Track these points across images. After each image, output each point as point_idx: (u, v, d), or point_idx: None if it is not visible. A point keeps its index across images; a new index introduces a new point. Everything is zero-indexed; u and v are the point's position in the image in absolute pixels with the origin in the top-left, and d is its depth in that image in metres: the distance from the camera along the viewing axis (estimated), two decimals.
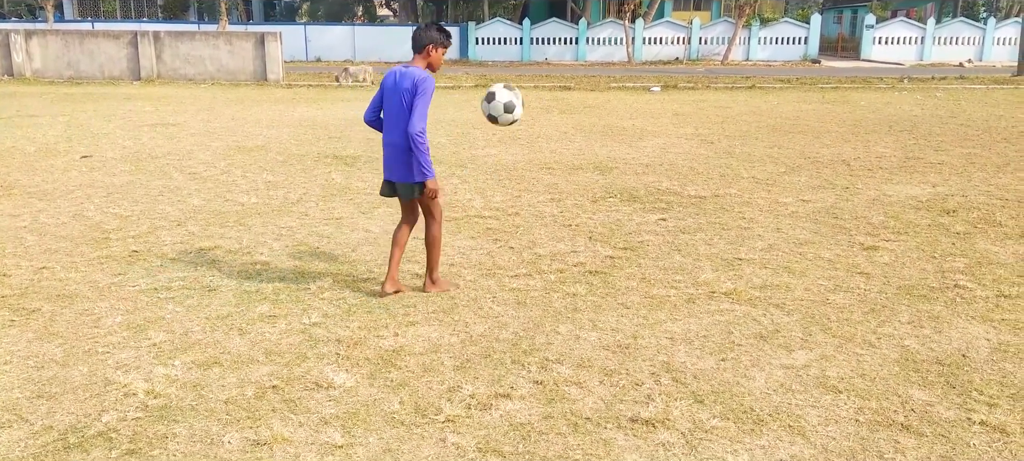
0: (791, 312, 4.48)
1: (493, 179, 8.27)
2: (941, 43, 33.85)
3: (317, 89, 19.39)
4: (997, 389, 3.55)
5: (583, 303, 4.63)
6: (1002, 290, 4.85)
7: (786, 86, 20.22)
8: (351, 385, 3.54)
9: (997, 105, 15.61)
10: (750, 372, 3.71)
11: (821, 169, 8.82)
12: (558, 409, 3.36)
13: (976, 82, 21.46)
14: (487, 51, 33.93)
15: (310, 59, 33.60)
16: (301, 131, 11.81)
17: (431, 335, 4.12)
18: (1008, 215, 6.70)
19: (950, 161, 9.31)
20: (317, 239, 5.95)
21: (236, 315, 4.39)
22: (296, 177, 8.32)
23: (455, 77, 22.52)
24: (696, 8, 39.61)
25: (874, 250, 5.70)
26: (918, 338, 4.12)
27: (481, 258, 5.50)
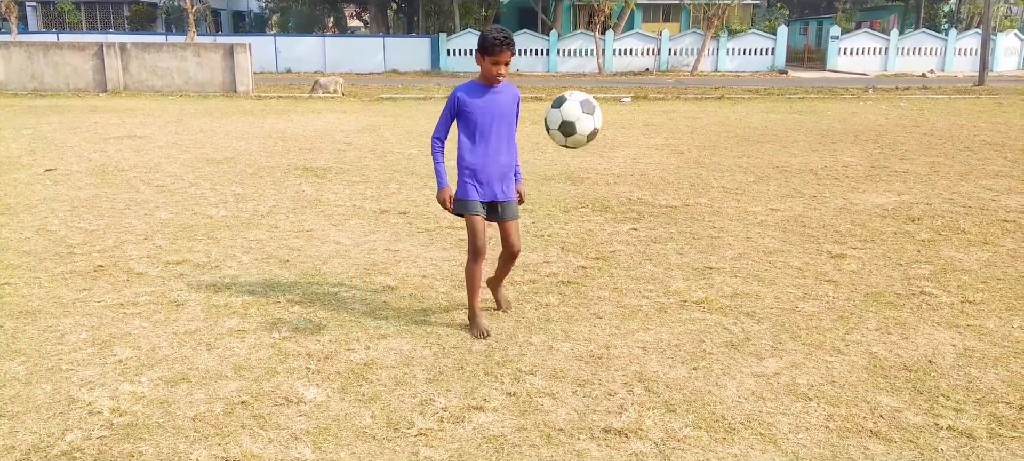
0: (761, 320, 4.52)
1: None
2: (904, 54, 34.52)
3: (287, 101, 19.25)
4: (963, 394, 3.61)
5: (556, 313, 4.63)
6: (966, 296, 4.93)
7: (754, 96, 20.47)
8: (322, 400, 3.50)
9: (959, 114, 15.94)
10: (721, 381, 3.74)
11: (789, 178, 8.93)
12: (531, 421, 3.35)
13: (939, 92, 21.90)
14: (459, 62, 33.95)
15: (280, 70, 33.37)
16: (271, 143, 11.71)
17: (403, 348, 4.09)
18: (971, 222, 6.84)
19: (914, 170, 9.47)
20: (287, 252, 5.90)
21: (204, 330, 4.33)
22: (266, 189, 8.24)
23: (426, 88, 22.51)
24: (665, 19, 40.02)
25: (842, 258, 5.77)
26: (886, 345, 4.18)
27: (453, 269, 5.48)
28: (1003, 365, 3.92)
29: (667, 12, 40.30)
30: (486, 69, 4.04)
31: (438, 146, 4.17)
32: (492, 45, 3.96)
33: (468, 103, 4.07)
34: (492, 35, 3.97)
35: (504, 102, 4.14)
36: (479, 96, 4.09)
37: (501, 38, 3.97)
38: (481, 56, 4.02)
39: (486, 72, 4.05)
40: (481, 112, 4.07)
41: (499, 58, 3.99)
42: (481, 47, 4.01)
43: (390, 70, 33.54)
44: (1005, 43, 34.72)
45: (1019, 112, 16.33)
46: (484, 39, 3.98)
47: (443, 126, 4.16)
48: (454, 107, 4.10)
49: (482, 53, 4.01)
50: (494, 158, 4.13)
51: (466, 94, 4.09)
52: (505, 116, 4.14)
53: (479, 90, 4.10)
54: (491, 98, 4.10)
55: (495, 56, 3.97)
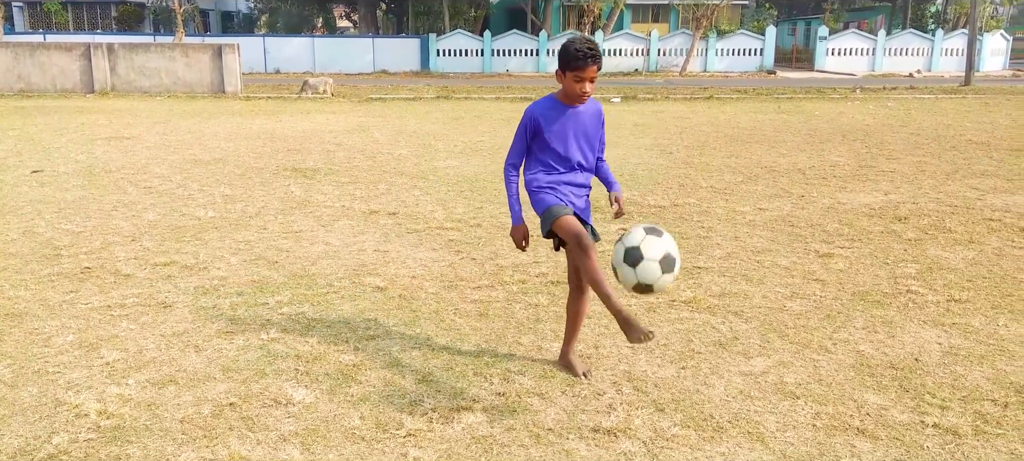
0: (749, 319, 4.54)
1: (455, 190, 8.25)
2: (892, 54, 34.72)
3: (276, 101, 19.19)
4: (949, 392, 3.64)
5: (545, 314, 4.63)
6: (952, 295, 4.97)
7: (743, 97, 20.55)
8: (310, 401, 3.50)
9: (946, 114, 16.05)
10: (710, 380, 3.75)
11: (777, 178, 8.97)
12: (520, 421, 3.35)
13: (925, 92, 22.05)
14: (448, 62, 33.93)
15: (269, 71, 33.26)
16: (259, 144, 11.67)
17: (392, 349, 4.09)
18: (957, 221, 6.89)
19: (901, 169, 9.53)
20: (276, 253, 5.88)
21: (192, 332, 4.31)
22: (254, 190, 8.22)
23: (416, 88, 22.48)
24: (654, 20, 40.12)
25: (829, 257, 5.80)
26: (872, 343, 4.20)
27: (443, 270, 5.48)
28: (988, 363, 3.95)
29: (656, 12, 40.40)
30: (568, 86, 3.44)
31: (513, 174, 3.60)
32: (576, 58, 3.36)
33: (545, 124, 3.49)
34: (576, 47, 3.37)
35: (587, 121, 3.57)
36: (558, 115, 3.51)
37: (586, 49, 3.36)
38: (562, 71, 3.42)
39: (569, 89, 3.45)
40: (561, 134, 3.51)
41: (584, 74, 3.38)
42: (563, 60, 3.41)
43: (379, 70, 33.48)
44: (991, 43, 34.99)
45: (1005, 112, 16.46)
46: (566, 51, 3.39)
47: (518, 151, 3.59)
48: (530, 128, 3.52)
49: (564, 68, 3.41)
50: (573, 177, 3.58)
51: (543, 113, 3.51)
52: (588, 138, 3.58)
53: (558, 108, 3.52)
54: (572, 117, 3.53)
55: (580, 71, 3.37)
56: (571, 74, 3.39)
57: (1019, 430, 3.29)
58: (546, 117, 3.51)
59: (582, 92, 3.43)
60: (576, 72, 3.38)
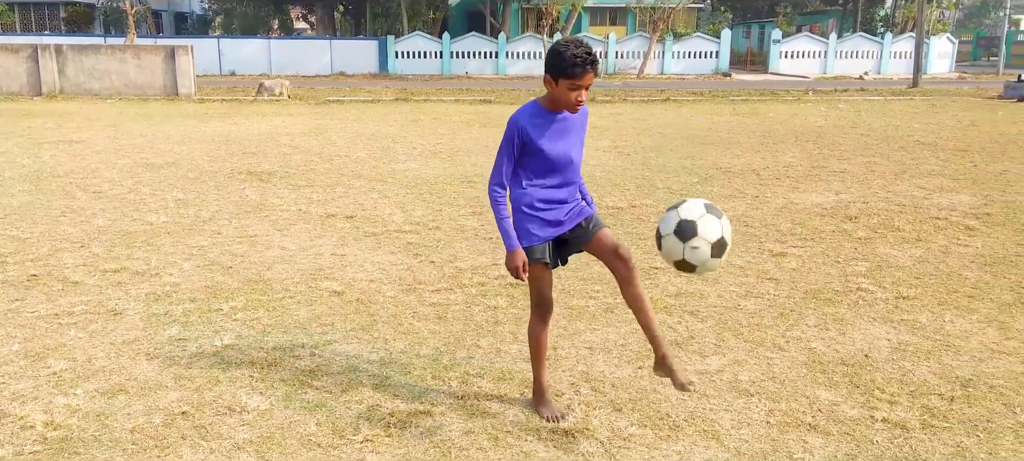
0: (705, 319, 4.60)
1: (414, 193, 8.22)
2: (843, 57, 35.48)
3: (231, 104, 18.90)
4: (897, 387, 3.73)
5: (504, 316, 4.64)
6: (901, 292, 5.10)
7: (699, 99, 20.82)
8: (266, 408, 3.45)
9: (895, 115, 16.46)
10: (666, 379, 3.78)
11: (733, 179, 9.11)
12: (479, 424, 3.35)
13: (875, 94, 22.58)
14: (407, 65, 33.78)
15: (224, 73, 32.74)
16: (214, 147, 11.48)
17: (349, 353, 4.05)
18: (905, 220, 7.06)
19: (852, 169, 9.75)
20: (230, 258, 5.79)
21: (143, 339, 4.22)
22: (208, 194, 8.08)
23: (375, 90, 22.33)
24: (612, 23, 40.44)
25: (783, 256, 5.91)
26: (824, 340, 4.29)
27: (401, 273, 5.45)
28: (935, 358, 4.06)
29: (614, 15, 40.73)
30: (560, 95, 3.08)
31: (500, 195, 3.18)
32: (572, 65, 3.00)
33: (534, 135, 3.15)
34: (571, 52, 3.00)
35: (576, 127, 3.26)
36: (548, 125, 3.16)
37: (583, 56, 3.01)
38: (553, 78, 3.06)
39: (560, 98, 3.09)
40: (551, 145, 3.17)
41: (581, 82, 3.04)
42: (554, 66, 3.04)
43: (337, 72, 33.18)
44: (938, 46, 35.97)
45: (951, 113, 16.93)
46: (560, 57, 3.01)
47: (505, 167, 3.19)
48: (517, 141, 3.15)
49: (556, 75, 3.04)
50: (564, 192, 3.26)
51: (531, 123, 3.15)
52: (578, 144, 3.29)
53: (546, 117, 3.16)
54: (562, 125, 3.19)
55: (575, 79, 3.03)
56: (565, 82, 3.04)
57: (965, 424, 3.38)
58: (534, 127, 3.15)
59: (577, 101, 3.10)
60: (571, 80, 3.03)
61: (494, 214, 3.21)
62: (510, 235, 3.19)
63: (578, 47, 3.03)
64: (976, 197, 8.07)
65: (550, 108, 3.17)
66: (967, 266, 5.68)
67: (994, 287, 5.20)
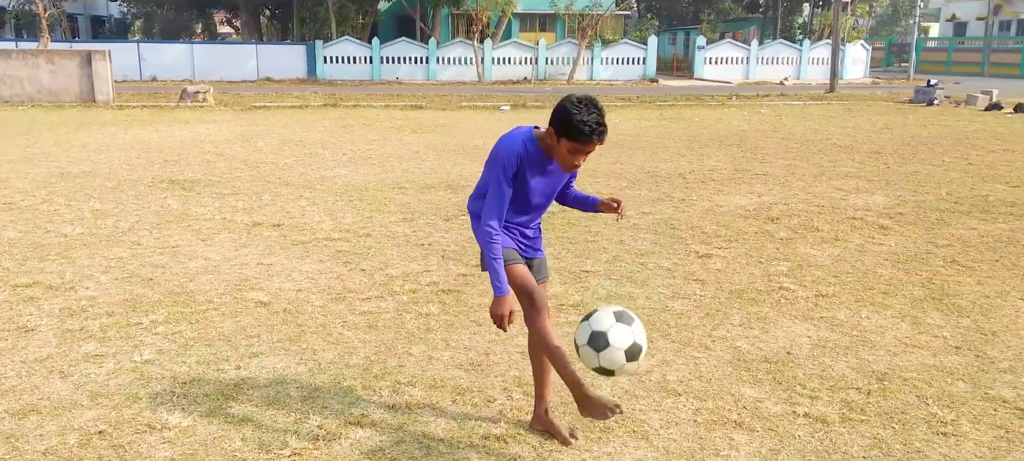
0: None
1: (343, 200, 8.10)
2: (764, 63, 36.55)
3: (152, 110, 18.29)
4: (818, 382, 3.85)
5: (436, 323, 4.61)
6: (820, 290, 5.28)
7: (627, 104, 21.15)
8: (188, 424, 3.34)
9: (813, 119, 17.05)
10: (597, 381, 3.82)
11: (660, 183, 9.28)
12: (410, 433, 3.32)
13: (795, 99, 23.35)
14: (336, 70, 33.30)
15: (144, 79, 31.66)
16: (134, 155, 11.08)
17: (276, 365, 3.96)
18: (824, 221, 7.32)
19: (773, 172, 10.06)
20: (151, 270, 5.59)
21: (57, 357, 4.04)
22: (127, 204, 7.79)
23: (303, 96, 21.94)
24: (542, 29, 40.73)
25: (708, 258, 6.05)
26: (748, 339, 4.40)
27: (330, 282, 5.36)
28: (853, 353, 4.22)
29: (543, 21, 41.03)
30: (561, 155, 2.91)
31: (497, 234, 2.95)
32: (580, 132, 2.81)
33: (529, 172, 2.99)
34: (582, 119, 2.80)
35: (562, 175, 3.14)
36: (541, 165, 3.01)
37: (594, 124, 2.81)
38: (557, 135, 2.87)
39: (560, 156, 2.93)
40: (540, 188, 3.06)
41: (586, 148, 2.88)
42: (562, 125, 2.85)
43: (264, 78, 32.47)
44: (853, 53, 37.41)
45: (865, 117, 17.64)
46: (569, 120, 2.82)
47: (503, 205, 2.97)
48: (511, 172, 2.96)
49: (563, 135, 2.85)
50: (533, 220, 3.20)
51: (528, 159, 2.97)
52: (558, 183, 3.17)
53: (539, 159, 3.00)
54: (552, 170, 3.06)
55: (582, 145, 2.85)
56: (569, 143, 2.85)
57: (881, 416, 3.52)
58: (530, 165, 2.98)
59: (576, 165, 2.94)
60: (576, 144, 2.84)
61: (486, 253, 2.95)
62: (501, 279, 2.94)
63: (589, 112, 2.82)
64: (889, 197, 8.43)
65: (544, 150, 2.98)
66: (881, 264, 5.92)
67: (906, 284, 5.43)
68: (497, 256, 2.95)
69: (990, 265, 5.90)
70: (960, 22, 50.32)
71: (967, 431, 3.38)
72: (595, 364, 2.91)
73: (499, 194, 2.94)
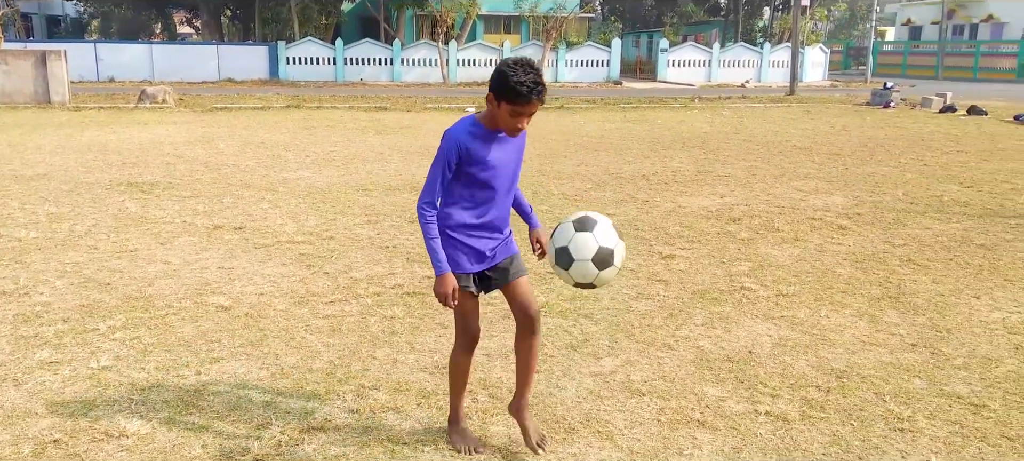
0: (599, 321, 4.69)
1: (306, 203, 8.02)
2: (726, 66, 37.03)
3: (110, 112, 17.93)
4: (779, 380, 3.91)
5: (401, 326, 4.59)
6: (781, 289, 5.36)
7: (592, 106, 21.27)
8: (147, 432, 3.28)
9: (774, 122, 17.31)
10: (562, 382, 3.84)
11: (624, 184, 9.35)
12: (375, 436, 3.30)
13: (756, 101, 23.68)
14: (299, 71, 32.98)
15: (102, 79, 31.03)
16: (91, 157, 10.85)
17: (238, 371, 3.91)
18: (784, 221, 7.43)
19: (735, 173, 10.19)
20: (108, 274, 5.48)
21: (10, 364, 3.94)
22: (84, 207, 7.63)
23: (265, 97, 21.68)
24: (506, 31, 40.78)
25: (671, 258, 6.10)
26: (711, 338, 4.45)
27: (293, 286, 5.30)
28: (812, 352, 4.29)
29: (508, 23, 41.08)
30: (502, 118, 2.90)
31: (431, 214, 2.98)
32: (517, 93, 2.81)
33: (472, 154, 2.95)
34: (518, 78, 2.80)
35: (516, 148, 3.09)
36: (486, 143, 2.97)
37: (529, 83, 2.81)
38: (496, 98, 2.87)
39: (502, 121, 2.92)
40: (489, 167, 2.99)
41: (526, 109, 2.87)
42: (499, 88, 2.85)
43: (225, 79, 32.03)
44: (812, 56, 38.06)
45: (824, 119, 17.95)
46: (505, 81, 2.82)
47: (437, 186, 2.97)
48: (453, 159, 2.95)
49: (500, 97, 2.85)
50: (495, 218, 3.09)
51: (468, 141, 2.95)
52: (515, 166, 3.11)
53: (485, 135, 2.97)
54: (501, 146, 3.01)
55: (519, 105, 2.84)
56: (508, 106, 2.85)
57: (840, 413, 3.58)
58: (472, 144, 2.95)
59: (518, 128, 2.94)
60: (514, 106, 2.84)
61: (423, 234, 2.98)
62: (439, 258, 2.97)
63: (526, 72, 2.82)
64: (847, 198, 8.59)
65: (489, 126, 2.97)
66: (840, 263, 6.03)
67: (864, 283, 5.54)
68: (432, 236, 2.97)
69: (945, 264, 6.04)
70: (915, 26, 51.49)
71: (923, 427, 3.46)
72: (572, 282, 2.89)
73: (434, 178, 2.97)
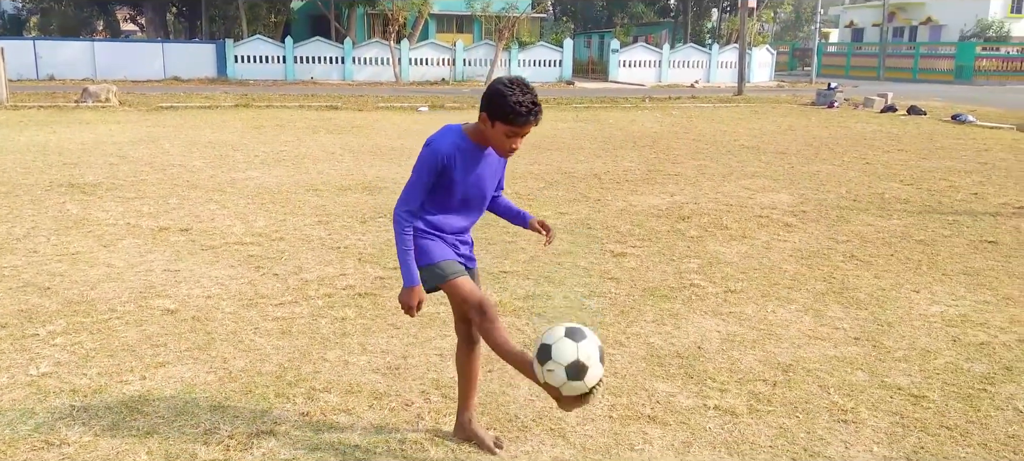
0: (551, 320, 4.71)
1: (255, 203, 7.89)
2: (675, 66, 37.53)
3: (50, 111, 17.39)
4: (727, 375, 3.98)
5: (352, 327, 4.55)
6: (729, 286, 5.45)
7: (544, 106, 21.32)
8: (89, 439, 3.19)
9: (722, 121, 17.61)
10: (515, 381, 3.85)
11: (576, 183, 9.41)
12: (326, 440, 3.26)
13: (705, 101, 24.06)
14: (248, 70, 32.41)
15: (42, 78, 30.07)
16: (29, 157, 10.51)
17: (184, 375, 3.83)
18: (732, 219, 7.57)
19: (684, 172, 10.34)
20: (48, 278, 5.32)
21: None
22: (23, 209, 7.38)
23: (213, 96, 21.26)
24: (459, 30, 40.70)
25: (623, 256, 6.17)
26: (661, 335, 4.51)
27: (242, 288, 5.21)
28: (760, 346, 4.38)
29: (460, 23, 41.00)
30: (495, 138, 2.83)
31: (408, 223, 2.90)
32: (515, 113, 2.73)
33: (458, 168, 2.88)
34: (517, 100, 2.72)
35: (497, 163, 3.04)
36: (473, 158, 2.91)
37: (528, 104, 2.74)
38: (491, 119, 2.78)
39: (494, 141, 2.84)
40: (474, 181, 2.95)
41: (521, 130, 2.80)
42: (494, 108, 2.76)
43: (171, 77, 31.32)
44: (759, 57, 38.81)
45: (771, 119, 18.33)
46: (503, 101, 2.73)
47: (419, 192, 2.88)
48: (437, 170, 2.87)
49: (494, 116, 2.77)
50: (469, 226, 3.11)
51: (455, 154, 2.87)
52: (494, 179, 3.06)
53: (472, 150, 2.90)
54: (486, 161, 2.96)
55: (519, 127, 2.77)
56: (504, 127, 2.76)
57: (786, 406, 3.66)
58: (459, 159, 2.88)
59: (512, 149, 2.85)
60: (513, 127, 2.76)
61: (396, 241, 2.89)
62: (410, 269, 2.90)
63: (524, 93, 2.74)
64: (793, 196, 8.79)
65: (477, 141, 2.89)
66: (786, 260, 6.16)
67: (809, 278, 5.67)
68: (407, 247, 2.90)
69: (886, 259, 6.22)
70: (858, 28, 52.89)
71: (866, 418, 3.56)
72: (541, 380, 2.78)
73: (415, 186, 2.87)
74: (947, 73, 40.09)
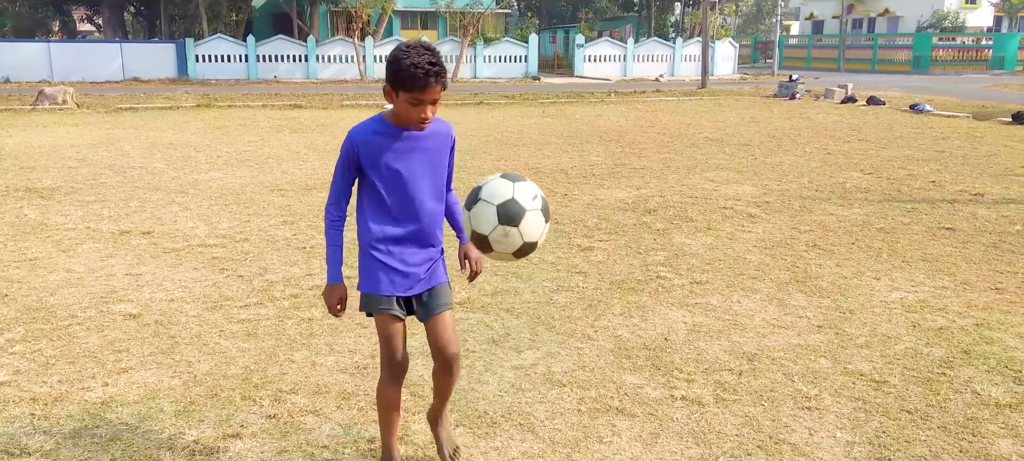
0: (520, 315, 4.72)
1: (219, 204, 7.79)
2: (640, 60, 37.78)
3: (5, 113, 16.98)
4: (693, 366, 4.03)
5: (319, 327, 4.51)
6: (695, 277, 5.51)
7: (511, 102, 21.37)
8: (50, 448, 3.13)
9: (686, 114, 17.77)
10: (484, 376, 3.86)
11: (543, 178, 9.43)
12: (293, 442, 3.24)
13: (669, 95, 24.25)
14: (209, 69, 31.96)
15: None
16: None
17: (148, 380, 3.77)
18: (697, 211, 7.64)
19: (650, 166, 10.41)
20: (5, 285, 5.20)
21: None
22: None
23: (173, 97, 20.93)
24: (423, 27, 40.56)
25: (590, 250, 6.20)
26: (628, 327, 4.55)
27: (206, 291, 5.15)
28: (725, 337, 4.43)
29: (425, 19, 40.86)
30: (402, 109, 2.59)
31: (332, 219, 2.78)
32: (411, 76, 2.50)
33: (372, 157, 2.66)
34: (411, 61, 2.50)
35: (432, 148, 2.74)
36: (390, 144, 2.66)
37: (425, 65, 2.51)
38: (394, 89, 2.56)
39: (403, 113, 2.61)
40: (395, 172, 2.67)
41: (424, 96, 2.55)
42: (392, 75, 2.54)
43: (130, 78, 30.77)
44: (722, 50, 39.21)
45: (734, 111, 18.53)
46: (398, 66, 2.52)
47: (338, 189, 2.73)
48: (352, 160, 2.68)
49: (396, 86, 2.55)
50: (415, 232, 2.76)
51: (369, 140, 2.66)
52: (433, 169, 2.75)
53: (389, 134, 2.66)
54: (410, 146, 2.68)
55: (417, 92, 2.53)
56: (405, 95, 2.54)
57: (752, 395, 3.71)
58: (373, 144, 2.65)
59: (421, 118, 2.59)
60: (411, 93, 2.52)
61: (325, 237, 2.84)
62: (333, 265, 2.80)
63: (420, 54, 2.51)
64: (757, 187, 8.90)
65: (395, 123, 2.65)
66: (751, 251, 6.24)
67: (773, 268, 5.75)
68: (332, 243, 2.80)
69: (847, 248, 6.33)
70: (817, 20, 53.68)
71: (829, 404, 3.62)
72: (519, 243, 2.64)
73: (335, 180, 2.75)
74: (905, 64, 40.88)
